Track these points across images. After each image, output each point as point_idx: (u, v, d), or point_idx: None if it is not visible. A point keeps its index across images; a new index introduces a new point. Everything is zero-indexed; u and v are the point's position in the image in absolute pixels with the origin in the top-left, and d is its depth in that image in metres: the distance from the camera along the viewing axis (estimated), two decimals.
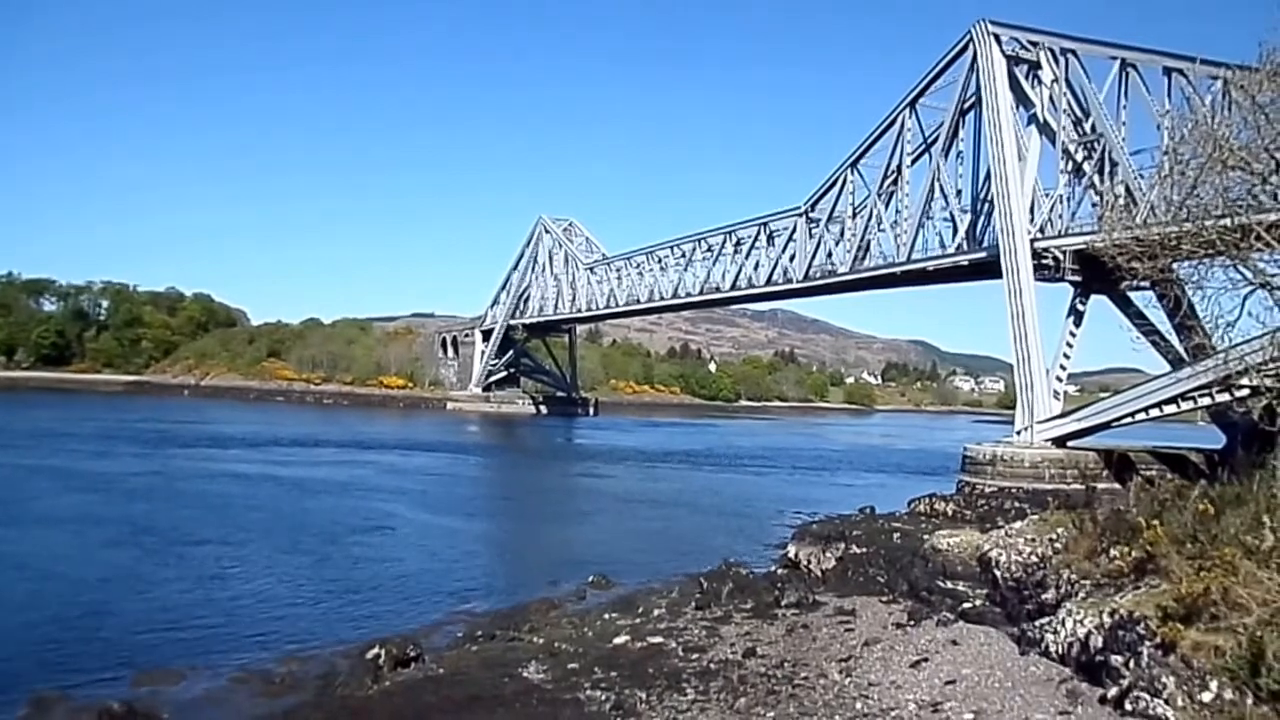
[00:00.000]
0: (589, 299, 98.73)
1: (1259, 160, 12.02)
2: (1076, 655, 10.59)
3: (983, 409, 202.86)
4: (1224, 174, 12.35)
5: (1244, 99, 12.71)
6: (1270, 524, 9.87)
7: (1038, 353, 37.58)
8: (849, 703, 10.94)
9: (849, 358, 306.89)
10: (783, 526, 30.12)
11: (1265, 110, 12.07)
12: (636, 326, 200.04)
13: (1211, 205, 12.55)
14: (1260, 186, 12.12)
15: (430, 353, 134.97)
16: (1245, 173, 12.15)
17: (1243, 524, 10.22)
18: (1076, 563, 12.51)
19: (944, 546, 18.42)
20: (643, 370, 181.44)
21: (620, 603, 18.88)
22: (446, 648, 15.50)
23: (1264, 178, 12.01)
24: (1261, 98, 12.09)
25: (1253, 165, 12.07)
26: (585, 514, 34.36)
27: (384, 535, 27.06)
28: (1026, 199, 40.40)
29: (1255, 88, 12.26)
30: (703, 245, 76.12)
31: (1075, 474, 33.42)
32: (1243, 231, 11.99)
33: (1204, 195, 12.74)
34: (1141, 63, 37.36)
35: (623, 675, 13.02)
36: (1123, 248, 14.46)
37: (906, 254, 49.88)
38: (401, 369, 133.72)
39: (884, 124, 51.09)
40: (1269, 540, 9.64)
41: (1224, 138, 12.47)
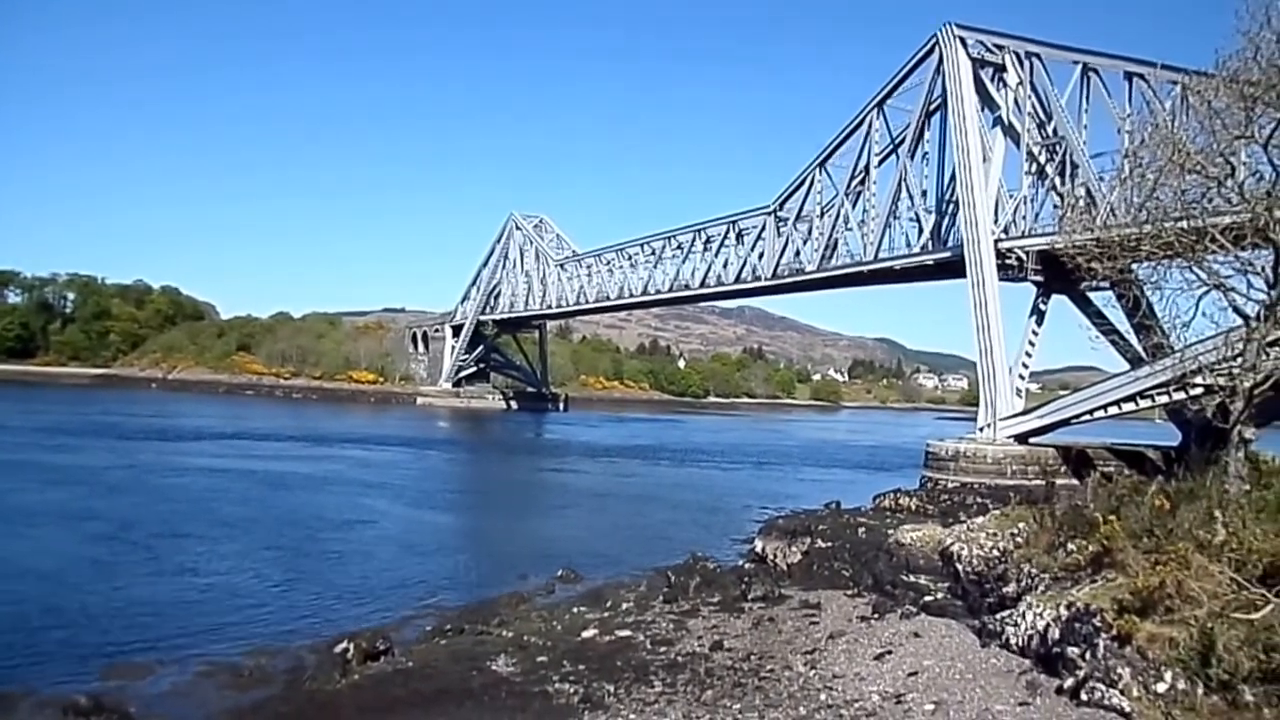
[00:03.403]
0: (559, 295, 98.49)
1: (1214, 164, 12.31)
2: (1036, 647, 10.79)
3: (947, 406, 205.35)
4: (1181, 177, 12.63)
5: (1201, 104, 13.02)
6: (1222, 519, 10.13)
7: (1000, 351, 38.12)
8: (813, 694, 11.05)
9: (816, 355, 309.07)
10: (750, 521, 30.33)
11: (1221, 116, 12.36)
12: (606, 323, 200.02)
13: (1169, 208, 12.83)
14: (1216, 190, 12.41)
15: (400, 348, 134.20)
16: (1202, 176, 12.44)
17: (1196, 519, 10.48)
18: (1036, 557, 12.76)
19: (908, 541, 18.67)
20: (612, 366, 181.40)
21: (589, 596, 18.96)
22: (415, 641, 15.48)
23: (1219, 181, 12.30)
24: (1217, 103, 12.38)
25: (1208, 169, 12.36)
26: (554, 508, 34.33)
27: (354, 529, 26.87)
28: (991, 200, 40.92)
29: (1211, 93, 12.55)
30: (672, 243, 76.21)
31: (1036, 470, 33.94)
32: (1199, 234, 12.28)
33: (1162, 198, 13.02)
34: (1103, 67, 38.00)
35: (591, 668, 13.07)
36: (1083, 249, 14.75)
37: (873, 253, 50.30)
38: (372, 364, 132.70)
39: (852, 124, 51.47)
40: (1220, 535, 9.90)
41: (1182, 142, 12.75)
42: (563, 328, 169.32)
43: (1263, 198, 11.96)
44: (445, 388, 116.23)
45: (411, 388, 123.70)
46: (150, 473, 37.07)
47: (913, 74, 46.19)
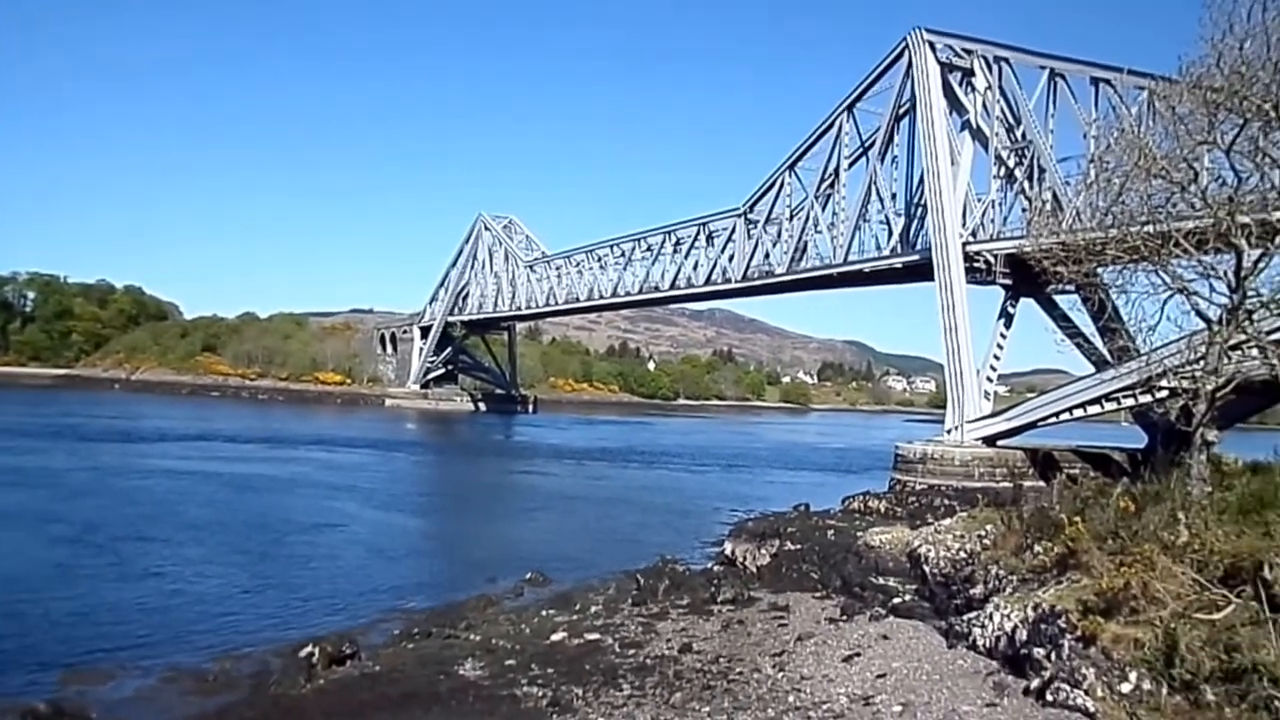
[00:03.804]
0: (529, 297, 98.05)
1: (1179, 169, 12.45)
2: (1003, 648, 10.84)
3: (915, 408, 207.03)
4: (1147, 182, 12.76)
5: (1166, 110, 13.17)
6: (1185, 520, 10.23)
7: (968, 353, 38.44)
8: (782, 696, 11.07)
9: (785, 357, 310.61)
10: (719, 524, 30.34)
11: (1185, 121, 12.51)
12: (576, 325, 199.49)
13: (1135, 212, 12.96)
14: (1180, 195, 12.56)
15: (368, 349, 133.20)
16: (1166, 181, 12.57)
17: (1160, 521, 10.57)
18: (1003, 558, 12.84)
19: (876, 543, 18.75)
20: (582, 368, 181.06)
21: (558, 599, 18.90)
22: (382, 645, 15.41)
23: (1183, 186, 12.45)
24: (1181, 109, 12.52)
25: (1173, 174, 12.50)
26: (523, 511, 34.15)
27: (321, 533, 26.62)
28: (959, 203, 41.27)
29: (1176, 99, 12.70)
30: (642, 245, 76.15)
31: (1003, 472, 34.24)
32: (1164, 238, 12.42)
33: (1128, 202, 13.15)
34: (1070, 72, 38.50)
35: (559, 671, 13.04)
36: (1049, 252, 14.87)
37: (843, 255, 50.56)
38: (339, 365, 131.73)
39: (822, 127, 51.72)
40: (1184, 536, 9.98)
41: (1147, 147, 12.89)
42: (532, 329, 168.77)
43: (1225, 203, 12.11)
44: (413, 389, 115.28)
45: (379, 389, 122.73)
46: (113, 475, 36.46)
47: (883, 78, 46.48)
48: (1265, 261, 12.01)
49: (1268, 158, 11.98)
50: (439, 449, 65.27)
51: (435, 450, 63.73)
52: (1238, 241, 11.91)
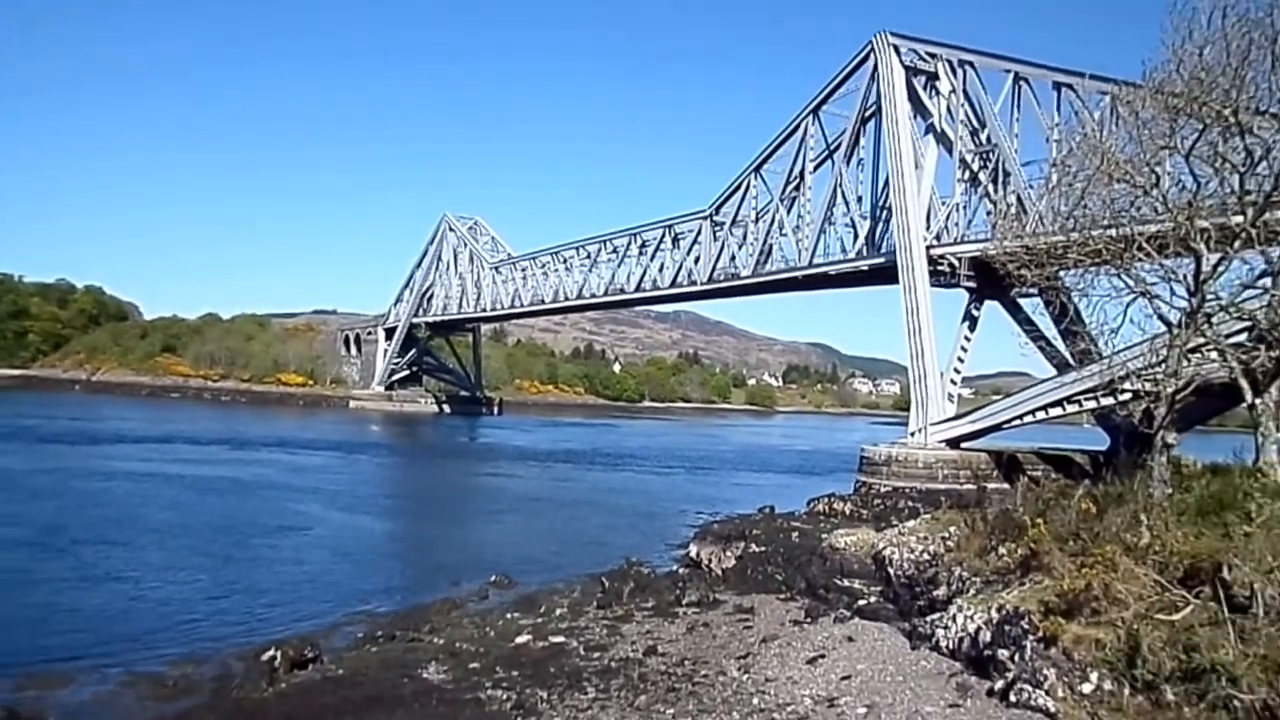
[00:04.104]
0: (494, 298, 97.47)
1: (1141, 174, 12.60)
2: (966, 650, 10.87)
3: (880, 411, 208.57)
4: (1109, 186, 12.90)
5: (1128, 115, 13.33)
6: (1147, 522, 10.30)
7: (933, 356, 38.76)
8: (746, 699, 11.05)
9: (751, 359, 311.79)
10: (684, 526, 30.29)
11: (1147, 126, 12.67)
12: (541, 326, 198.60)
13: (1098, 216, 13.10)
14: (1142, 199, 12.71)
15: (332, 350, 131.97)
16: (1129, 185, 12.72)
17: (1123, 522, 10.64)
18: (967, 560, 12.88)
19: (841, 545, 18.76)
20: (547, 370, 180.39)
21: (522, 602, 18.80)
22: (345, 649, 15.31)
23: (1145, 190, 12.60)
24: (1144, 114, 12.68)
25: (1135, 178, 12.65)
26: (488, 513, 33.91)
27: (284, 535, 26.32)
28: (923, 207, 41.63)
29: (1139, 104, 12.86)
30: (608, 246, 76.04)
31: (967, 474, 34.52)
32: (1126, 242, 12.56)
33: (1091, 206, 13.29)
34: (1034, 77, 38.96)
35: (524, 674, 12.98)
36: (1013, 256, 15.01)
37: (808, 258, 50.80)
38: (302, 366, 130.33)
39: (788, 130, 51.95)
40: (1145, 538, 10.05)
41: (1110, 151, 13.04)
42: (497, 331, 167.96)
43: (1185, 207, 12.28)
44: (377, 391, 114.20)
45: (343, 391, 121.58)
46: (73, 477, 35.75)
47: (848, 81, 46.76)
48: (1224, 265, 12.18)
49: (1227, 163, 12.16)
50: (403, 451, 64.67)
51: (400, 452, 63.16)
52: (1197, 246, 12.07)
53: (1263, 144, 12.17)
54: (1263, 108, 12.20)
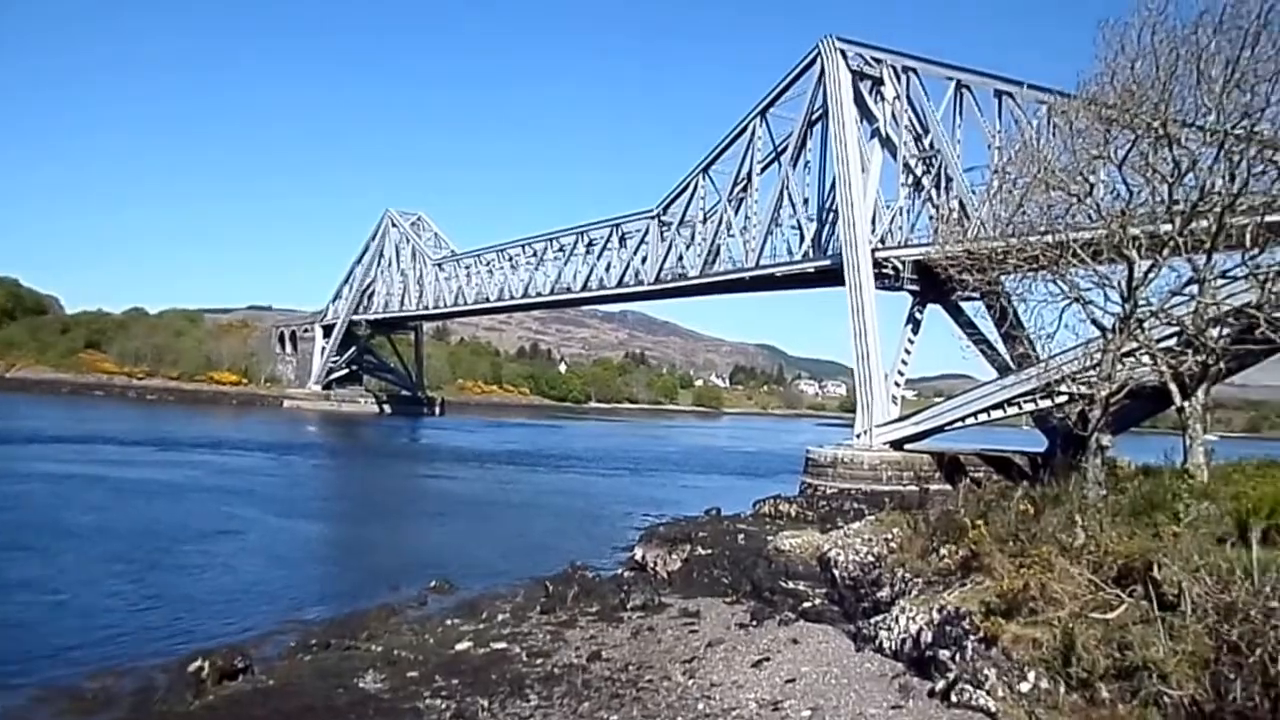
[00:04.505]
0: (437, 296, 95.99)
1: (1076, 182, 12.94)
2: (908, 651, 10.96)
3: (826, 412, 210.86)
4: (1046, 194, 13.22)
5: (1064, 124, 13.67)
6: (1082, 523, 10.53)
7: (877, 358, 39.24)
8: (691, 704, 10.98)
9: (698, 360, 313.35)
10: (630, 529, 30.11)
11: (1081, 136, 13.01)
12: (485, 325, 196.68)
13: (1035, 222, 13.42)
14: (1077, 206, 13.05)
15: (266, 348, 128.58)
16: (1064, 193, 13.05)
17: (1059, 523, 10.87)
18: (910, 561, 13.02)
19: (786, 547, 18.84)
20: (491, 370, 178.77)
21: (463, 608, 18.49)
22: (277, 658, 14.88)
23: (1080, 198, 12.94)
24: (1079, 124, 13.02)
25: (1070, 187, 12.98)
26: (429, 516, 33.33)
27: (214, 540, 25.46)
28: (869, 210, 42.16)
29: (1074, 114, 13.19)
30: (554, 245, 75.52)
31: (911, 476, 34.85)
32: (1061, 248, 12.88)
33: (1028, 213, 13.61)
34: (975, 84, 39.73)
35: (464, 682, 12.75)
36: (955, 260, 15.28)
37: (755, 259, 51.06)
38: (235, 364, 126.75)
39: (735, 131, 52.17)
40: (1081, 538, 10.27)
41: (1046, 160, 13.35)
42: (440, 329, 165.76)
43: (1118, 215, 12.63)
44: (314, 390, 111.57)
45: (278, 390, 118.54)
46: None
47: (795, 83, 47.12)
48: (1154, 272, 12.56)
49: (1157, 173, 12.54)
50: (341, 452, 63.37)
51: (337, 453, 61.85)
52: (1129, 253, 12.42)
53: (1189, 155, 12.58)
54: (1189, 121, 12.60)
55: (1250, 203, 11.96)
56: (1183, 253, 12.47)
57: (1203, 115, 12.22)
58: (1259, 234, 12.28)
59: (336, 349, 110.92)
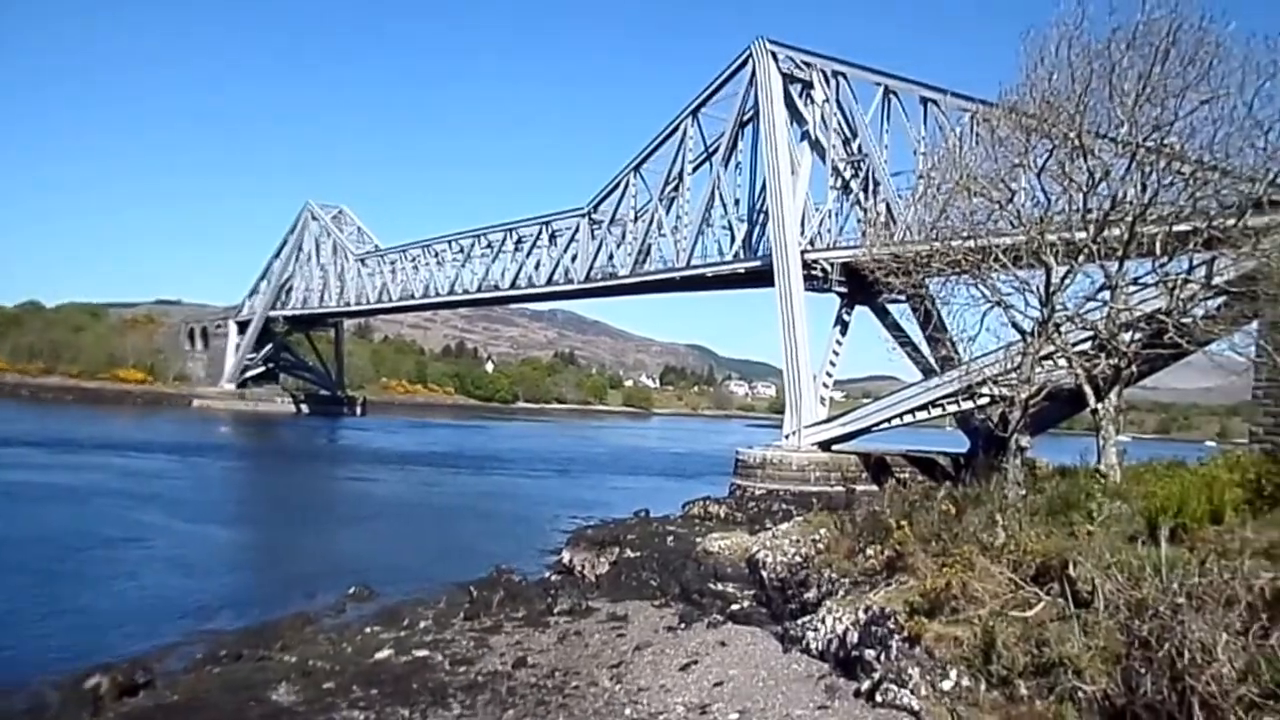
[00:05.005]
0: (359, 292, 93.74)
1: (997, 189, 13.28)
2: (835, 651, 11.02)
3: (756, 413, 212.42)
4: (968, 199, 13.53)
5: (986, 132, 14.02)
6: (1002, 522, 10.75)
7: (806, 359, 39.81)
8: (618, 709, 10.89)
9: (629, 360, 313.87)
10: (558, 531, 29.79)
11: (1003, 144, 13.36)
12: (410, 323, 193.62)
13: (958, 227, 13.72)
14: (999, 213, 13.39)
15: (175, 344, 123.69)
16: (986, 199, 13.39)
17: (980, 523, 11.08)
18: (837, 562, 13.12)
19: (715, 549, 18.81)
20: (415, 369, 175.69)
21: (383, 615, 17.96)
22: (183, 671, 14.23)
23: (1001, 205, 13.28)
24: (1000, 132, 13.37)
25: (991, 193, 13.31)
26: (348, 521, 32.42)
27: (116, 548, 24.28)
28: (798, 212, 42.80)
29: (995, 123, 13.53)
30: (482, 241, 74.60)
31: (838, 476, 35.44)
32: (983, 253, 13.20)
33: (952, 218, 13.91)
34: (902, 91, 40.73)
35: (384, 692, 12.42)
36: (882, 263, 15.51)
37: (686, 259, 51.35)
38: (140, 361, 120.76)
39: (667, 130, 52.41)
40: (1001, 537, 10.48)
41: (969, 166, 13.67)
42: (362, 326, 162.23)
43: (1036, 222, 13.00)
44: (227, 389, 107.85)
45: (187, 389, 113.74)
46: None
47: (727, 84, 47.57)
48: (1070, 278, 12.97)
49: (1073, 182, 12.96)
50: (255, 454, 61.35)
51: (251, 455, 59.85)
52: (1047, 259, 12.79)
53: (1103, 166, 13.02)
54: (1103, 133, 13.03)
55: (1159, 212, 12.45)
56: (1097, 259, 12.90)
57: (1116, 127, 12.65)
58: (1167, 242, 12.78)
59: (252, 346, 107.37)
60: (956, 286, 14.09)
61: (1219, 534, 9.29)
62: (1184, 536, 9.22)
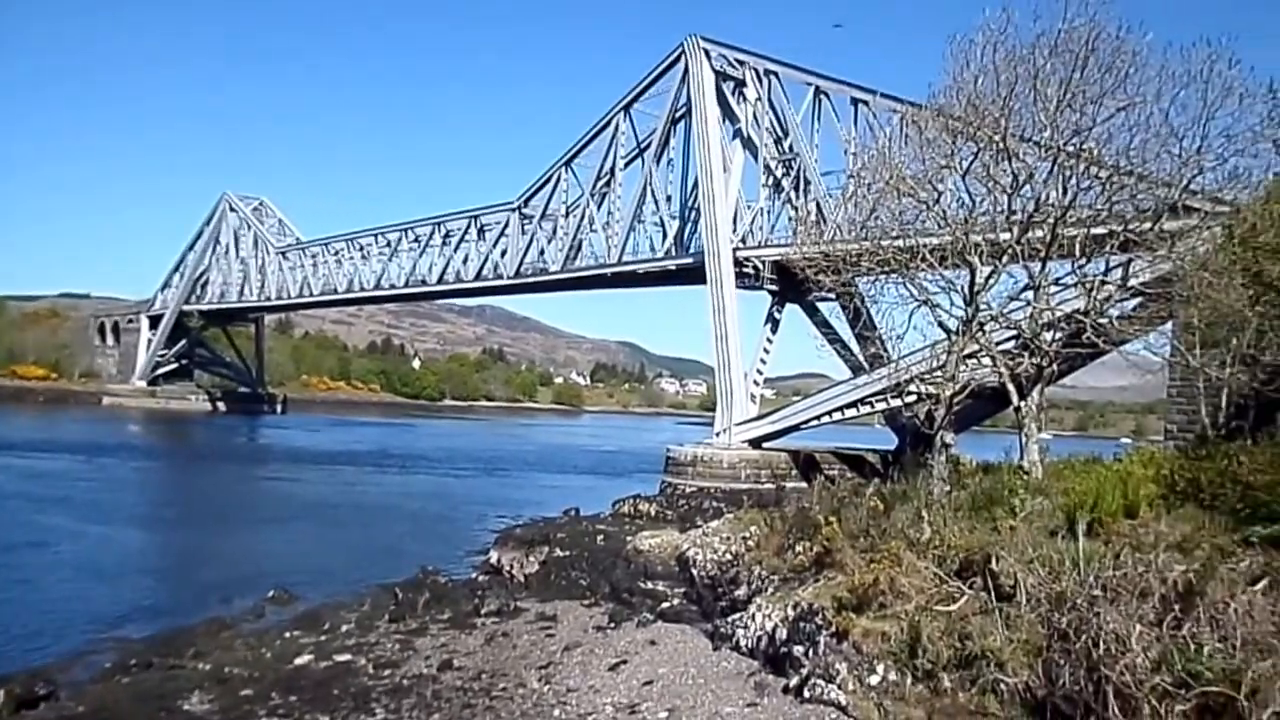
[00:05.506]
0: (280, 286, 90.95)
1: (925, 189, 13.53)
2: (764, 648, 11.07)
3: (687, 411, 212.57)
4: (897, 199, 13.75)
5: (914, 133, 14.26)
6: (928, 518, 10.93)
7: (737, 357, 40.11)
8: (547, 711, 10.85)
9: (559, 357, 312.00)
10: (485, 531, 29.37)
11: (931, 145, 13.61)
12: (333, 318, 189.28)
13: (886, 227, 13.94)
14: (926, 213, 13.65)
15: (83, 339, 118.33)
16: (914, 200, 13.63)
17: (907, 519, 11.26)
18: (766, 559, 13.20)
19: (645, 547, 18.78)
20: (339, 365, 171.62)
21: (304, 619, 17.48)
22: (89, 681, 13.65)
23: (928, 205, 13.54)
24: (928, 133, 13.62)
25: (919, 193, 13.55)
26: (267, 523, 31.39)
27: (19, 553, 23.10)
28: (730, 209, 43.09)
29: (923, 124, 13.77)
30: (409, 235, 73.26)
31: (768, 474, 35.78)
32: (911, 252, 13.43)
33: (881, 217, 14.13)
34: (833, 91, 41.37)
35: (304, 699, 12.14)
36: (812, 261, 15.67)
37: (617, 255, 51.26)
38: (44, 357, 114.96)
39: (599, 125, 52.20)
40: (927, 533, 10.65)
41: (897, 166, 13.90)
42: (283, 322, 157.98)
43: (962, 222, 13.28)
44: (139, 386, 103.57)
45: (96, 386, 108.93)
46: None
47: (660, 80, 47.58)
48: (994, 278, 13.29)
49: (997, 184, 13.27)
50: (169, 453, 59.04)
51: (164, 455, 57.53)
52: (972, 259, 13.07)
53: (1027, 169, 13.37)
54: (1027, 136, 13.37)
55: (1079, 215, 12.82)
56: (1020, 260, 13.23)
57: (1039, 131, 12.99)
58: (1086, 244, 13.19)
59: (165, 342, 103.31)
60: (885, 285, 14.33)
61: (1134, 528, 9.57)
62: (1101, 531, 9.48)
